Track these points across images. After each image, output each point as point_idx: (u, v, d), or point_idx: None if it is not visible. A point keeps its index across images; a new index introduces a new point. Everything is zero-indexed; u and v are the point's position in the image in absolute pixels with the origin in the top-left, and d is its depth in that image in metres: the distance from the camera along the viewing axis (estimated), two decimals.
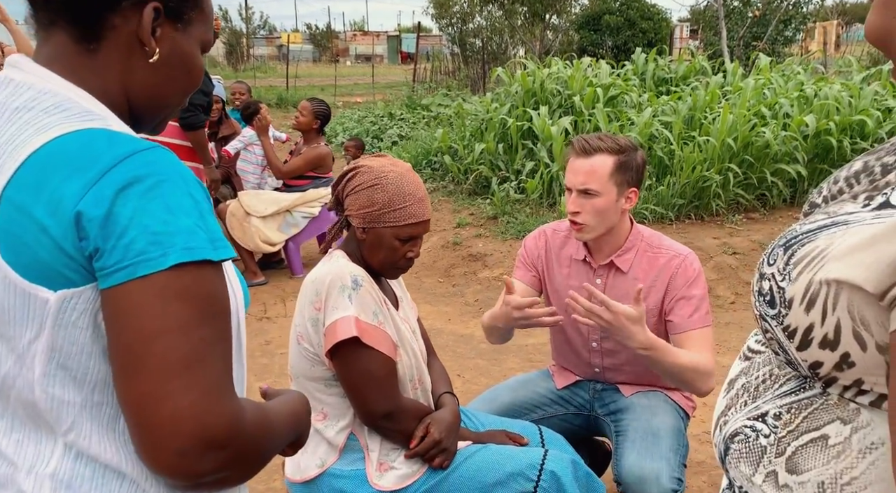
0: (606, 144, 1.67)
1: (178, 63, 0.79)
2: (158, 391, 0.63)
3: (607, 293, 1.78)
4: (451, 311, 3.97)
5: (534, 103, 5.77)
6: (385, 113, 9.24)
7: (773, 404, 0.77)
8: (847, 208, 0.75)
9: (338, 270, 1.45)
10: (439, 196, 5.61)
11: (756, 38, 11.97)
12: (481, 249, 4.61)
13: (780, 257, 0.74)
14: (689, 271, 1.73)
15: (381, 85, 17.76)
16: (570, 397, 1.98)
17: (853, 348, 0.67)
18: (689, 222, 4.90)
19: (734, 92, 6.00)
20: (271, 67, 26.79)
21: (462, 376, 3.15)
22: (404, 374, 1.52)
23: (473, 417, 1.75)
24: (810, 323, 0.69)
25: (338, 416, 1.50)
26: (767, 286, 0.75)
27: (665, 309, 1.76)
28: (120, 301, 0.65)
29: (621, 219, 1.75)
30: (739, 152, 5.00)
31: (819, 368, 0.71)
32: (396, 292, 1.66)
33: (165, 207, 0.66)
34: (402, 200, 1.44)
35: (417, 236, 1.49)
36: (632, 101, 5.86)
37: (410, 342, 1.55)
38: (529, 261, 1.92)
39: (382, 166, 1.48)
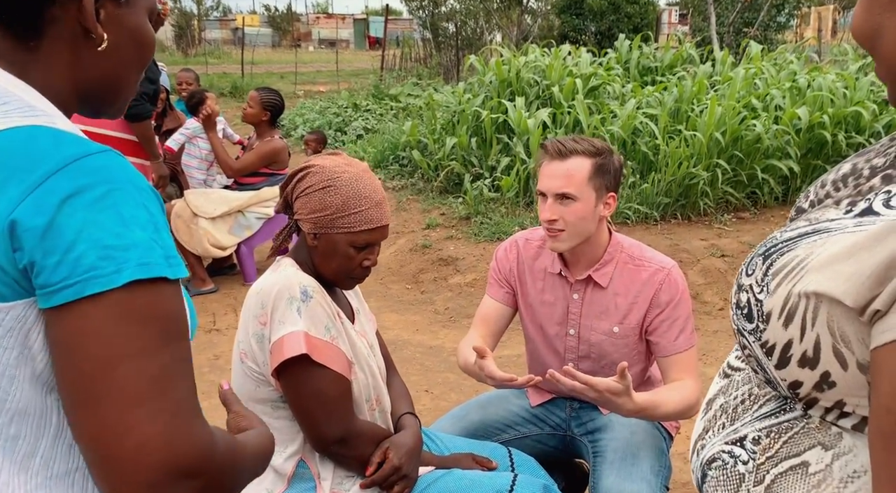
0: (583, 147, 1.67)
1: (129, 41, 0.79)
2: (121, 422, 0.63)
3: (585, 310, 1.79)
4: (419, 320, 3.96)
5: (509, 94, 5.79)
6: (349, 104, 9.20)
7: (751, 427, 0.78)
8: (829, 215, 0.75)
9: (285, 280, 1.42)
10: (407, 195, 5.59)
11: (747, 23, 12.19)
12: (453, 252, 4.61)
13: (759, 267, 0.74)
14: (674, 288, 1.74)
15: (346, 72, 17.67)
16: (546, 416, 1.97)
17: (833, 367, 0.67)
18: (675, 223, 4.95)
19: (723, 82, 6.10)
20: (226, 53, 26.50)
21: (430, 392, 3.14)
22: (360, 394, 1.50)
23: (437, 439, 1.74)
24: (789, 339, 0.69)
25: (286, 441, 1.48)
26: (745, 298, 0.75)
27: (647, 327, 1.77)
28: (70, 324, 0.63)
29: (599, 227, 1.75)
30: (728, 147, 5.08)
31: (799, 388, 0.71)
32: (352, 303, 1.64)
33: (119, 219, 0.65)
34: (358, 203, 1.42)
35: (375, 243, 1.47)
36: (614, 91, 5.91)
37: (367, 359, 1.53)
38: (502, 276, 1.92)
39: (336, 166, 1.46)
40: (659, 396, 1.62)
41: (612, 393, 1.49)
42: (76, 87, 0.76)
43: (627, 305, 1.76)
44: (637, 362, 1.84)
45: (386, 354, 1.74)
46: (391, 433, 1.56)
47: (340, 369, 1.42)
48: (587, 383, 1.49)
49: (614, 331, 1.78)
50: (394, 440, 1.52)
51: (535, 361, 1.97)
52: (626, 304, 1.76)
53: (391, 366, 1.75)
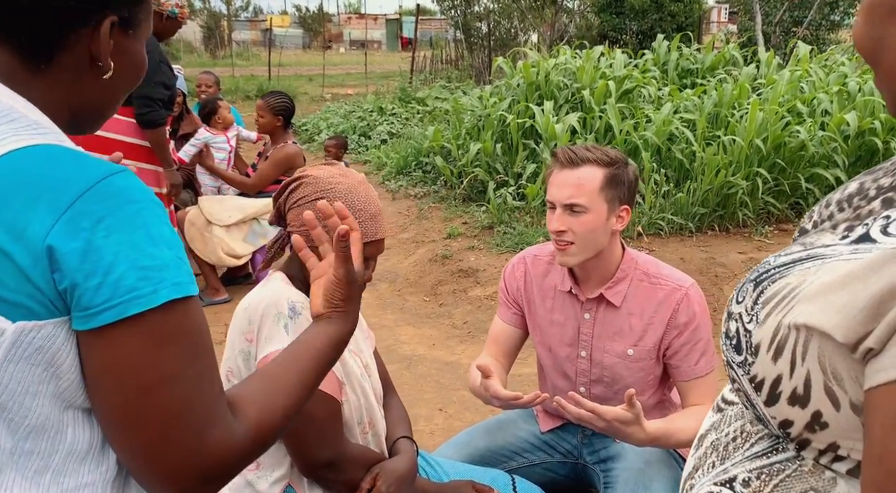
0: (595, 156, 1.65)
1: (129, 69, 0.83)
2: (163, 441, 0.70)
3: (597, 331, 1.76)
4: (435, 334, 3.94)
5: (538, 98, 5.76)
6: (375, 107, 9.25)
7: (742, 467, 0.75)
8: (825, 240, 0.73)
9: (273, 295, 1.42)
10: (429, 202, 5.59)
11: (797, 22, 11.96)
12: (473, 263, 4.59)
13: (749, 295, 0.72)
14: (692, 308, 1.70)
15: (375, 75, 17.83)
16: (556, 443, 1.95)
17: (825, 407, 0.64)
18: (711, 234, 4.86)
19: (767, 86, 5.98)
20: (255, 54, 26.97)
21: (445, 411, 3.12)
22: (351, 416, 1.49)
23: (437, 465, 1.71)
24: (778, 374, 0.67)
25: (272, 465, 1.47)
26: (734, 328, 0.73)
27: (665, 351, 1.73)
28: (110, 347, 0.68)
29: (611, 242, 1.72)
30: (770, 155, 4.97)
31: (790, 427, 0.69)
32: None
33: (150, 239, 0.70)
34: (352, 215, 1.41)
35: (369, 258, 1.46)
36: (650, 95, 5.83)
37: (360, 379, 1.52)
38: (510, 296, 1.90)
39: (330, 177, 1.46)
40: (673, 424, 1.58)
41: (622, 423, 1.46)
42: (70, 108, 0.80)
43: (643, 326, 1.73)
44: (653, 387, 1.80)
45: (384, 374, 1.73)
46: (384, 458, 1.54)
47: (329, 390, 1.41)
48: (594, 411, 1.46)
49: (629, 353, 1.74)
50: (385, 466, 1.50)
51: (546, 385, 1.95)
52: (641, 325, 1.73)
53: (389, 387, 1.74)
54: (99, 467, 0.75)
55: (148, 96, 3.43)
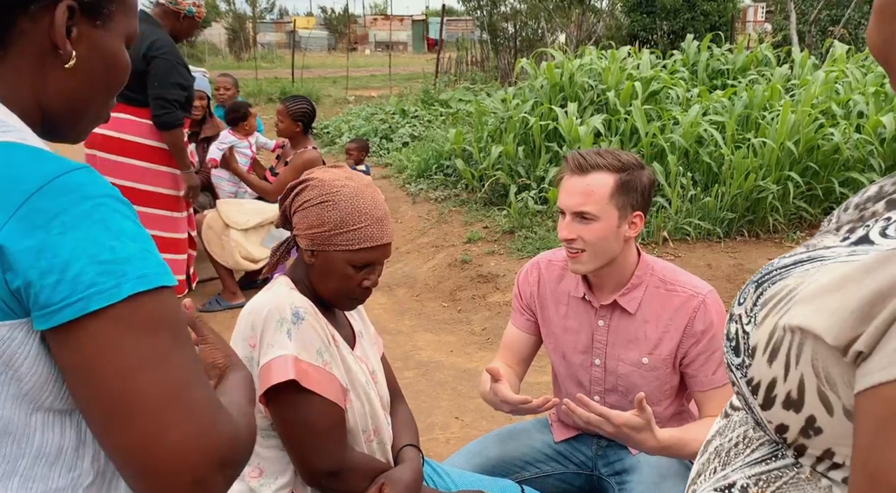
0: (606, 161, 1.63)
1: (99, 64, 0.81)
2: (152, 433, 0.68)
3: (611, 338, 1.75)
4: (454, 341, 3.94)
5: (561, 100, 5.74)
6: (397, 110, 9.29)
7: (741, 473, 0.75)
8: (827, 241, 0.73)
9: (276, 300, 1.43)
10: (450, 206, 5.60)
11: (834, 21, 11.76)
12: (493, 268, 4.58)
13: (750, 296, 0.72)
14: (710, 316, 1.68)
15: (400, 77, 17.90)
16: (570, 454, 1.93)
17: (818, 411, 0.64)
18: (740, 240, 4.79)
19: (800, 86, 5.89)
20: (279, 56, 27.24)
21: (461, 420, 3.11)
22: (356, 424, 1.49)
23: (445, 474, 1.71)
24: (773, 377, 0.67)
25: (276, 472, 1.48)
26: (734, 330, 0.74)
27: (682, 360, 1.71)
28: (81, 345, 0.67)
29: (625, 249, 1.70)
30: (802, 158, 4.90)
31: (785, 432, 0.68)
32: (354, 325, 1.64)
33: (109, 233, 0.69)
34: (357, 219, 1.42)
35: (375, 263, 1.46)
36: (678, 97, 5.78)
37: (365, 387, 1.52)
38: (523, 302, 1.90)
39: (336, 179, 1.46)
40: (688, 433, 1.56)
41: (631, 428, 1.44)
42: (39, 104, 0.78)
43: (658, 333, 1.71)
44: (669, 397, 1.78)
45: (392, 380, 1.73)
46: (389, 467, 1.54)
47: (333, 397, 1.42)
48: (602, 414, 1.44)
49: (644, 362, 1.72)
50: (390, 476, 1.50)
51: (561, 393, 1.93)
52: (656, 332, 1.71)
53: (397, 394, 1.74)
54: (71, 471, 0.74)
55: (164, 98, 3.48)
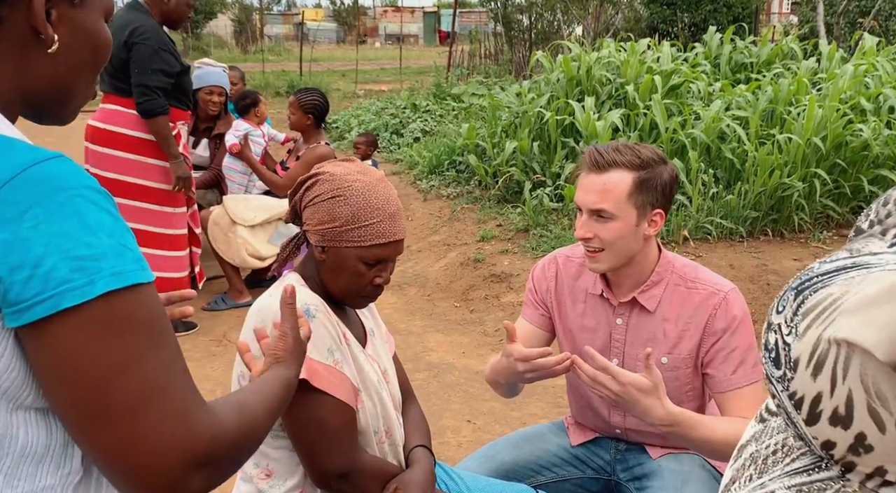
0: (625, 157, 1.62)
1: (82, 44, 0.80)
2: (131, 433, 0.68)
3: (630, 337, 1.74)
4: (466, 342, 3.94)
5: (578, 94, 5.72)
6: (408, 104, 9.29)
7: (780, 483, 0.74)
8: (872, 247, 0.71)
9: None
10: (462, 203, 5.60)
11: (863, 12, 11.65)
12: (507, 268, 4.58)
13: (790, 305, 0.70)
14: (731, 314, 1.66)
15: (411, 70, 17.92)
16: (588, 458, 1.93)
17: (869, 429, 0.62)
18: (764, 239, 4.76)
19: (828, 80, 5.84)
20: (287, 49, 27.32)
21: (473, 423, 3.11)
22: (367, 424, 1.49)
23: (457, 478, 1.71)
24: (818, 392, 0.65)
25: (285, 474, 1.49)
26: (773, 340, 0.71)
27: (702, 359, 1.70)
28: (54, 344, 0.66)
29: (645, 246, 1.69)
30: (829, 155, 4.86)
31: (832, 449, 0.67)
32: (366, 323, 1.64)
33: (84, 227, 0.68)
34: (369, 215, 1.42)
35: (387, 260, 1.47)
36: (699, 91, 5.75)
37: (377, 387, 1.53)
38: (538, 297, 1.89)
39: (348, 174, 1.47)
40: (702, 417, 1.54)
41: (638, 389, 1.43)
42: (21, 90, 0.78)
43: (678, 332, 1.70)
44: (690, 400, 1.77)
45: (403, 380, 1.73)
46: (401, 469, 1.55)
47: (344, 397, 1.42)
48: (608, 369, 1.43)
49: (663, 362, 1.72)
50: (403, 478, 1.50)
51: (576, 393, 1.93)
52: (676, 331, 1.70)
53: (409, 393, 1.74)
54: (59, 469, 0.74)
55: (145, 85, 3.48)
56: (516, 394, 1.92)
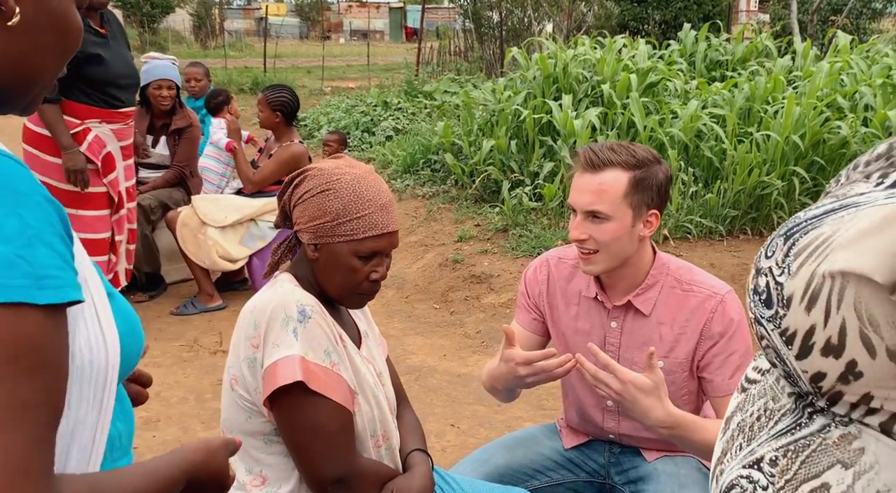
0: (620, 157, 1.63)
1: (48, 25, 0.77)
2: None
3: (624, 341, 1.76)
4: (447, 344, 3.95)
5: (555, 92, 5.77)
6: (379, 102, 9.28)
7: (768, 446, 0.80)
8: (858, 189, 0.77)
9: (281, 298, 1.43)
10: (439, 203, 5.61)
11: (836, 10, 11.94)
12: (487, 268, 4.60)
13: (780, 248, 0.76)
14: (729, 317, 1.68)
15: (378, 67, 17.88)
16: (581, 461, 1.94)
17: (860, 355, 0.68)
18: (743, 238, 4.86)
19: (804, 78, 5.97)
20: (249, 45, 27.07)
21: (457, 427, 3.12)
22: (364, 428, 1.49)
23: (453, 482, 1.72)
24: (811, 325, 0.71)
25: (280, 480, 1.48)
26: (764, 283, 0.77)
27: (698, 363, 1.72)
28: None
29: (640, 248, 1.71)
30: (808, 152, 4.97)
31: (822, 380, 0.72)
32: (360, 325, 1.64)
33: None
34: (360, 207, 1.43)
35: (382, 253, 1.47)
36: (676, 89, 5.84)
37: (373, 389, 1.53)
38: (530, 300, 1.90)
39: (336, 168, 1.47)
40: (704, 421, 1.56)
41: (638, 388, 1.45)
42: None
43: (674, 336, 1.72)
44: (687, 404, 1.79)
45: (397, 383, 1.73)
46: (398, 473, 1.55)
47: (341, 400, 1.42)
48: (608, 366, 1.45)
49: (659, 366, 1.74)
50: (399, 483, 1.50)
51: (570, 396, 1.95)
52: (672, 335, 1.72)
53: (402, 397, 1.74)
54: None
55: None
56: (514, 399, 1.92)
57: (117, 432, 0.83)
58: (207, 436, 3.19)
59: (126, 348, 0.80)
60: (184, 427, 3.10)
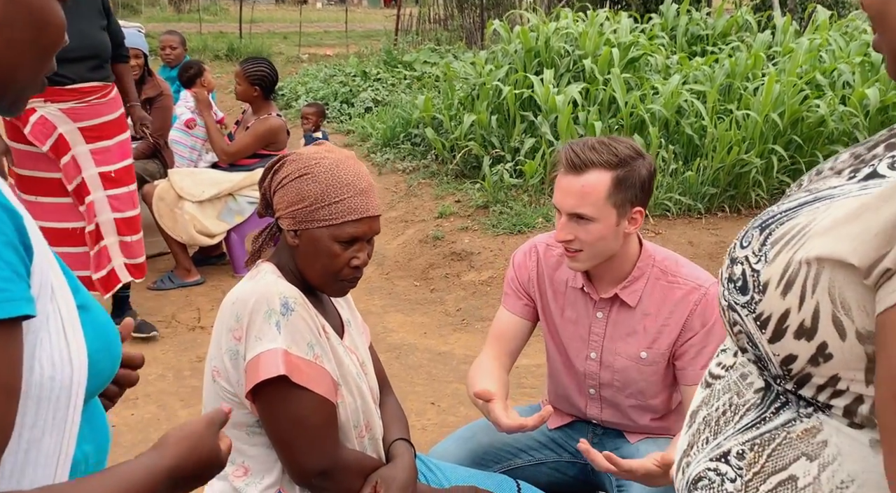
0: (601, 157, 1.61)
1: (23, 20, 0.73)
2: None
3: (609, 332, 1.77)
4: (427, 322, 3.95)
5: (537, 66, 5.72)
6: (358, 71, 9.15)
7: (735, 440, 0.83)
8: (831, 183, 0.81)
9: (263, 290, 1.41)
10: (419, 178, 5.57)
11: None
12: (467, 245, 4.59)
13: (756, 239, 0.80)
14: (711, 310, 1.71)
15: (356, 34, 17.60)
16: (565, 442, 1.97)
17: (831, 337, 0.72)
18: (721, 216, 4.89)
19: (783, 54, 5.98)
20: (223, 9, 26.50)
21: (437, 405, 3.13)
22: (347, 419, 1.49)
23: (436, 469, 1.72)
24: (786, 309, 0.74)
25: (262, 471, 1.47)
26: (739, 271, 0.80)
27: (675, 351, 1.74)
28: None
29: (625, 243, 1.72)
30: (786, 130, 4.99)
31: (792, 362, 0.75)
32: (342, 313, 1.63)
33: None
34: (339, 191, 1.41)
35: (362, 238, 1.45)
36: (657, 64, 5.82)
37: (356, 380, 1.52)
38: (520, 286, 1.90)
39: (315, 153, 1.46)
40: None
41: (651, 476, 1.51)
42: None
43: (657, 327, 1.74)
44: (665, 390, 1.82)
45: (380, 371, 1.73)
46: (381, 464, 1.55)
47: (324, 392, 1.41)
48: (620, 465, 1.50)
49: (642, 356, 1.75)
50: (384, 474, 1.50)
51: (554, 381, 1.96)
52: (655, 326, 1.74)
53: (385, 385, 1.74)
54: None
55: None
56: None
57: (83, 455, 0.79)
58: (187, 414, 3.18)
59: (97, 365, 0.77)
60: (162, 404, 3.09)
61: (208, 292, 4.24)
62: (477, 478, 1.72)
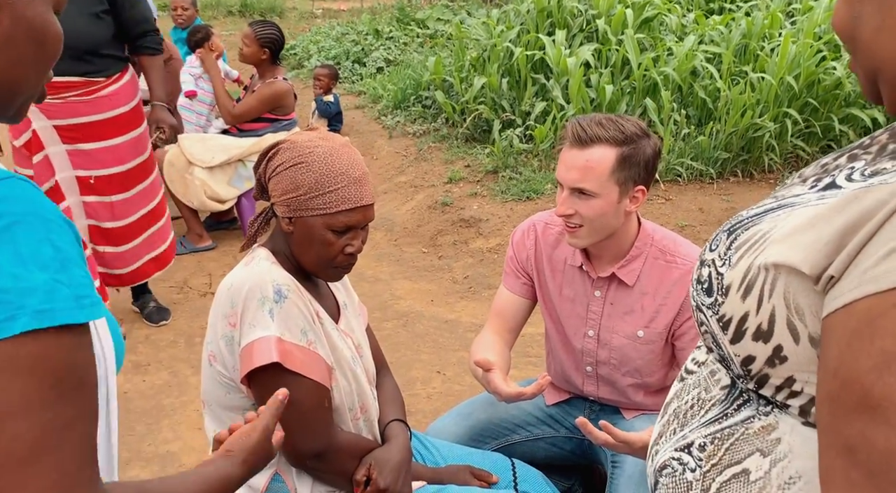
0: (608, 133, 1.60)
1: (25, 37, 0.75)
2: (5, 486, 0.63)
3: (607, 310, 1.77)
4: (434, 289, 3.96)
5: (549, 26, 5.61)
6: (370, 30, 9.02)
7: (698, 433, 0.87)
8: (795, 191, 0.84)
9: (257, 277, 1.42)
10: (429, 141, 5.52)
11: None
12: (476, 212, 4.56)
13: (723, 242, 0.82)
14: None
15: None
16: (562, 417, 1.99)
17: (786, 341, 0.74)
18: (734, 181, 4.81)
19: (802, 13, 5.81)
20: None
21: (443, 374, 3.16)
22: (341, 402, 1.51)
23: (432, 448, 1.74)
24: (745, 312, 0.77)
25: None
26: (706, 273, 0.83)
27: (674, 331, 1.74)
28: None
29: (626, 222, 1.71)
30: (802, 93, 4.87)
31: (751, 363, 0.78)
32: (338, 296, 1.64)
33: (16, 257, 0.65)
34: (333, 180, 1.41)
35: (356, 226, 1.46)
36: (672, 24, 5.68)
37: (351, 363, 1.53)
38: (518, 264, 1.90)
39: (309, 141, 1.45)
40: None
41: (647, 449, 1.49)
42: None
43: (655, 306, 1.74)
44: (661, 369, 1.82)
45: (377, 352, 1.74)
46: (376, 445, 1.57)
47: (318, 377, 1.43)
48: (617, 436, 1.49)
49: (639, 335, 1.76)
50: (378, 456, 1.52)
51: (553, 357, 1.98)
52: (653, 305, 1.74)
53: (382, 365, 1.76)
54: None
55: None
56: None
57: None
58: (197, 381, 3.22)
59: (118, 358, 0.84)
60: (173, 371, 3.14)
61: (220, 258, 4.28)
62: (473, 457, 1.74)
